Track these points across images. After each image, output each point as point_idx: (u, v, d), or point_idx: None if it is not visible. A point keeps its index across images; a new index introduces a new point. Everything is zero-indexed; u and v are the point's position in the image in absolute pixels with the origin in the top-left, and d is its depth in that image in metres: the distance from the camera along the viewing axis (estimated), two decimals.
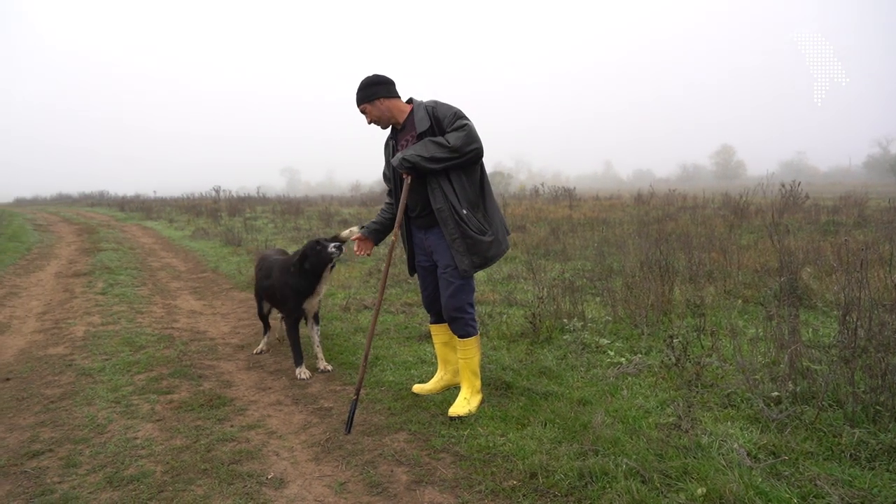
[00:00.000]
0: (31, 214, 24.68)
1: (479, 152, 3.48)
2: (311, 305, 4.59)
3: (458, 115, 3.49)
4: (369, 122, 3.70)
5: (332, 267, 4.49)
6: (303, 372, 4.44)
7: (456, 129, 3.43)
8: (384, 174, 3.88)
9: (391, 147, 3.76)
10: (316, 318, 4.72)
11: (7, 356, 5.00)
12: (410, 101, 3.71)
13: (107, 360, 4.82)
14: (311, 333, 4.72)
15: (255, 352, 5.09)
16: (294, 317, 4.56)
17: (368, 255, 3.91)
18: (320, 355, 4.63)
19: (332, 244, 4.29)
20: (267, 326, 5.20)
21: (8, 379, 4.41)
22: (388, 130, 3.81)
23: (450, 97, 3.73)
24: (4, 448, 3.27)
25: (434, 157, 3.40)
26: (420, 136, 3.51)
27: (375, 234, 3.89)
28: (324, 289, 4.58)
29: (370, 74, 3.66)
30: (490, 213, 3.60)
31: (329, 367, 4.55)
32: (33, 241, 14.12)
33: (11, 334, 5.72)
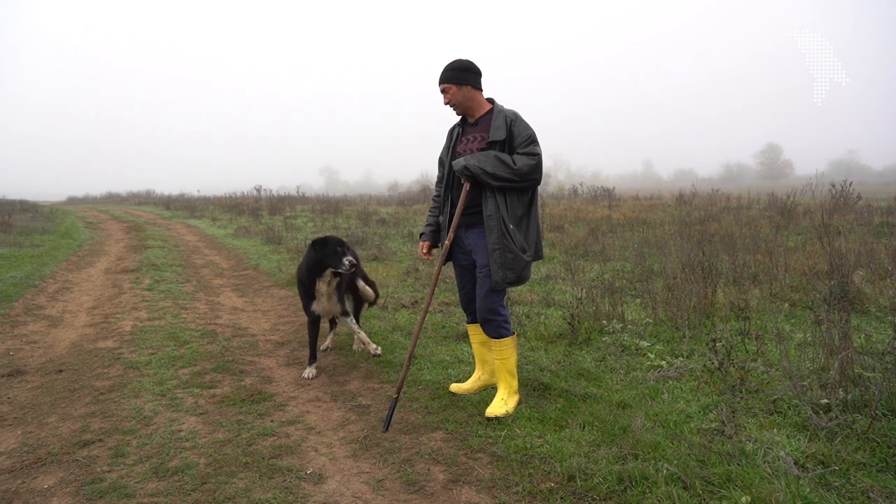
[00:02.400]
0: (82, 212, 25.61)
1: (536, 183, 3.54)
2: (320, 308, 4.48)
3: (532, 140, 3.50)
4: (446, 103, 3.70)
5: (338, 278, 4.43)
6: (308, 372, 4.46)
7: (527, 155, 3.45)
8: (440, 158, 3.90)
9: (456, 135, 3.78)
10: (345, 312, 4.63)
11: (60, 349, 5.20)
12: (491, 100, 3.73)
13: (153, 354, 4.97)
14: (351, 327, 4.73)
15: (321, 348, 5.09)
16: (308, 316, 4.54)
17: (431, 258, 3.99)
18: (365, 340, 4.66)
19: (349, 258, 4.25)
20: (332, 323, 5.31)
21: (61, 371, 4.59)
22: (458, 117, 3.82)
23: (490, 94, 3.73)
24: (58, 437, 3.41)
25: (495, 175, 3.43)
26: (491, 144, 3.52)
27: (433, 235, 3.97)
28: (323, 288, 4.43)
29: (465, 59, 3.68)
30: (531, 233, 3.60)
31: (378, 351, 4.61)
32: (84, 238, 14.66)
33: (64, 328, 5.95)
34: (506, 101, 3.72)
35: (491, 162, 3.43)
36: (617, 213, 15.45)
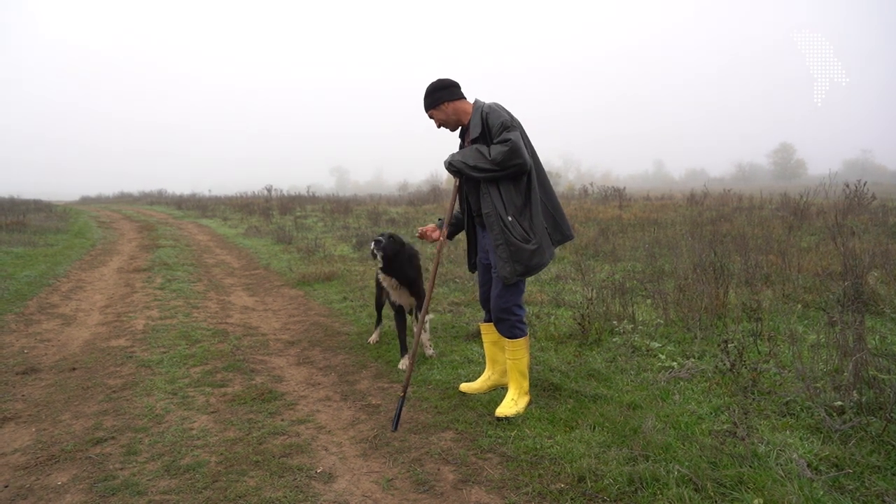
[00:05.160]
0: (95, 212, 25.84)
1: (521, 168, 3.44)
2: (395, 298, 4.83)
3: (504, 126, 3.45)
4: (438, 127, 3.75)
5: (381, 263, 4.55)
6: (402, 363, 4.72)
7: (500, 143, 3.42)
8: None
9: (460, 146, 3.81)
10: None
11: (73, 347, 5.25)
12: (476, 102, 3.72)
13: (165, 352, 5.01)
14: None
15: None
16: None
17: (433, 240, 4.02)
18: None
19: (374, 240, 4.47)
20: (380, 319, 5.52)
21: (74, 369, 4.63)
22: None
23: (499, 95, 3.72)
24: (71, 434, 3.44)
25: (477, 167, 3.44)
26: (474, 142, 3.53)
27: (450, 227, 3.97)
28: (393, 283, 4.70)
29: (434, 80, 3.70)
30: (535, 221, 3.53)
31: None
32: (97, 237, 14.79)
33: (77, 326, 6.00)
34: (514, 100, 3.71)
35: (472, 155, 3.46)
36: (627, 213, 15.38)
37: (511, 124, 3.48)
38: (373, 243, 4.44)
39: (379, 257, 4.47)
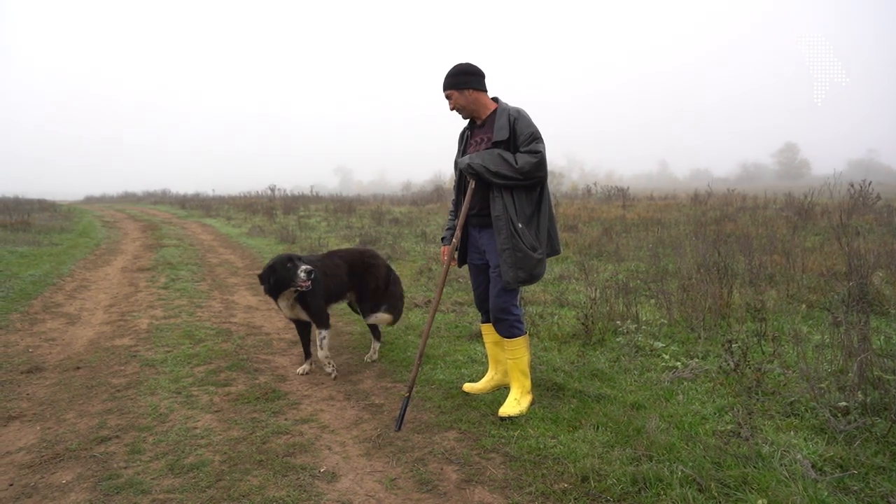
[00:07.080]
0: (99, 212, 25.89)
1: (542, 179, 3.49)
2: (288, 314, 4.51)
3: (534, 137, 3.46)
4: (451, 109, 3.70)
5: (297, 293, 4.25)
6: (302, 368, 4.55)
7: (529, 153, 3.41)
8: (455, 162, 3.86)
9: (466, 138, 3.78)
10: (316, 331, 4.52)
11: (77, 346, 5.26)
12: (496, 99, 3.71)
13: (168, 352, 5.02)
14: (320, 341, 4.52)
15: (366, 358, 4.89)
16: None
17: (455, 264, 3.90)
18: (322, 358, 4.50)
19: (304, 268, 4.11)
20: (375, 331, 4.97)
21: (78, 368, 4.64)
22: (466, 120, 3.80)
23: (501, 94, 3.71)
24: (75, 433, 3.45)
25: (499, 173, 3.41)
26: (496, 144, 3.50)
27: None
28: (283, 304, 4.38)
29: (464, 62, 3.65)
30: (542, 231, 3.56)
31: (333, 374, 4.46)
32: (101, 237, 14.83)
33: (81, 325, 6.02)
34: (519, 99, 3.70)
35: (494, 160, 3.42)
36: (631, 212, 15.35)
37: (539, 135, 3.49)
38: (303, 273, 4.07)
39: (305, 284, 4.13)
